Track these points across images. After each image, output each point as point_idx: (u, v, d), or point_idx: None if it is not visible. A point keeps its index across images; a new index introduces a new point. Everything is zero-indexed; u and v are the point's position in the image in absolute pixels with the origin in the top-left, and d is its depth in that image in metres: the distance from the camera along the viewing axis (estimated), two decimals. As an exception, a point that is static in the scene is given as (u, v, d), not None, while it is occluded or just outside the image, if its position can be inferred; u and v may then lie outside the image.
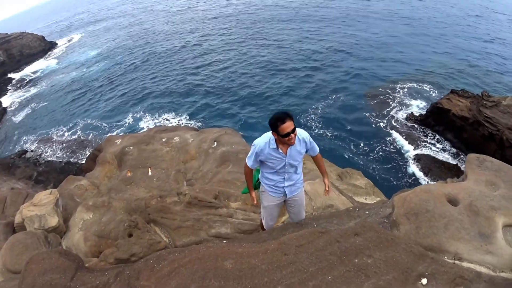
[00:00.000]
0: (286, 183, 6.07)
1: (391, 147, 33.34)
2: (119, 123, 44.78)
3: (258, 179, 6.43)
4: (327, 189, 6.31)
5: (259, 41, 67.29)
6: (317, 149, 6.08)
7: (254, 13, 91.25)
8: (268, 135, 5.63)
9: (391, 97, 41.30)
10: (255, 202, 6.41)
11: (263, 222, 7.15)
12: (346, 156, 32.55)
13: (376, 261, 4.07)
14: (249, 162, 5.95)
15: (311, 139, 5.89)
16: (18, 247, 10.84)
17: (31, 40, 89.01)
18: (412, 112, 37.83)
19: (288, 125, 5.20)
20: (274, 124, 5.28)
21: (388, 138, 34.46)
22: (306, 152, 5.97)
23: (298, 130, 5.61)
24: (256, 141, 5.81)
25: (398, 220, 4.94)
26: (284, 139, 5.35)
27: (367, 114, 38.70)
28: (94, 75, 65.76)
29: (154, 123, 42.64)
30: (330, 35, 66.39)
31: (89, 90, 58.84)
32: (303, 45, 62.24)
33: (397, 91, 42.47)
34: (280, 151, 5.62)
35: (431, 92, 41.81)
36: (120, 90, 55.76)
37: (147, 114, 45.54)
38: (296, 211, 6.83)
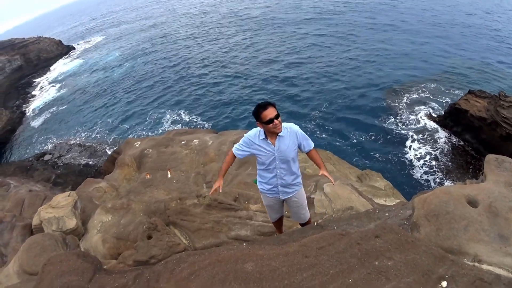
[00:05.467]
0: (279, 182, 6.00)
1: (410, 148, 33.17)
2: (138, 126, 45.11)
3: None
4: (324, 175, 5.98)
5: (278, 45, 67.16)
6: (311, 144, 5.94)
7: (272, 17, 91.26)
8: (258, 128, 5.63)
9: (409, 98, 41.09)
10: (216, 190, 6.10)
11: (268, 216, 7.19)
12: (365, 157, 32.45)
13: (397, 263, 4.05)
14: (235, 149, 5.95)
15: (303, 134, 5.80)
16: (35, 248, 10.90)
17: (48, 45, 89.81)
18: (430, 113, 37.58)
19: (270, 111, 5.20)
20: (256, 112, 5.30)
21: (406, 140, 34.32)
22: (300, 148, 5.88)
23: (288, 124, 5.65)
24: (247, 133, 5.83)
25: (419, 222, 4.92)
26: (268, 127, 5.34)
27: (385, 116, 38.54)
28: (113, 78, 66.25)
29: (174, 125, 42.79)
30: (347, 38, 66.11)
31: (107, 93, 59.30)
32: (320, 48, 62.32)
33: (415, 92, 42.21)
34: (269, 142, 5.60)
35: (449, 93, 41.43)
36: (138, 93, 56.15)
37: (167, 117, 45.85)
38: (294, 211, 6.78)
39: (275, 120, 5.24)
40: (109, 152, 36.88)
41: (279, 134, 5.50)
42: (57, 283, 4.92)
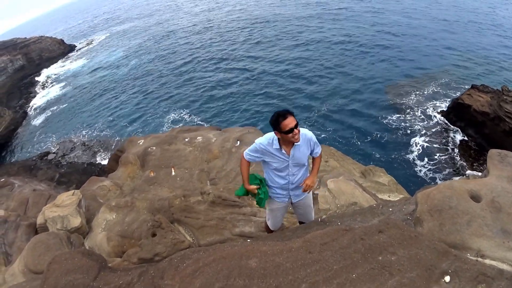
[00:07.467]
0: (291, 187, 5.94)
1: (413, 144, 33.10)
2: (142, 124, 45.12)
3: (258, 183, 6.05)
4: (307, 183, 5.75)
5: (282, 42, 66.90)
6: (319, 151, 5.89)
7: (276, 13, 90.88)
8: (271, 135, 5.49)
9: (412, 93, 40.99)
10: (255, 191, 5.95)
11: (268, 222, 6.99)
12: (368, 153, 32.44)
13: (400, 258, 4.07)
14: (247, 155, 5.80)
15: (316, 141, 5.72)
16: (40, 247, 10.93)
17: (50, 44, 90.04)
18: (433, 109, 37.53)
19: (290, 121, 5.04)
20: (276, 120, 5.12)
21: (410, 135, 34.25)
22: (310, 153, 5.81)
23: (303, 130, 5.50)
24: (258, 140, 5.67)
25: (422, 217, 4.93)
26: (287, 136, 5.18)
27: (389, 111, 38.49)
28: (116, 77, 66.18)
29: (177, 123, 42.64)
30: (352, 34, 65.82)
31: (110, 92, 59.29)
32: (325, 43, 62.12)
33: (418, 88, 42.07)
34: (283, 151, 5.49)
35: (452, 88, 41.28)
36: (141, 91, 56.09)
37: (170, 115, 45.79)
38: (302, 212, 6.76)
39: (295, 129, 5.10)
40: (112, 151, 36.88)
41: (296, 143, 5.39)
42: (62, 281, 4.94)
